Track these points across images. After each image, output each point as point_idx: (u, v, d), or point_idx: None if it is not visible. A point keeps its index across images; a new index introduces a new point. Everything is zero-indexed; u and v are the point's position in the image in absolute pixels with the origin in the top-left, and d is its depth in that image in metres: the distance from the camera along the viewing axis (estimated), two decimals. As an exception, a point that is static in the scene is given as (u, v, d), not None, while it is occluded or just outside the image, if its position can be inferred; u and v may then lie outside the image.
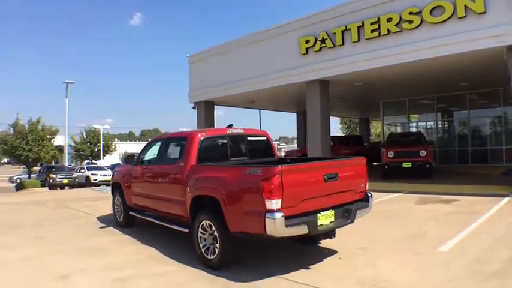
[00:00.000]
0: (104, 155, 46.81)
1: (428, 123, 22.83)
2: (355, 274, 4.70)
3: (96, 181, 26.50)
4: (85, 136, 47.25)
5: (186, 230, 5.59)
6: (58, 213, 10.21)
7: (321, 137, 15.14)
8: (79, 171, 29.85)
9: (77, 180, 27.01)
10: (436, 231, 6.53)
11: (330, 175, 4.84)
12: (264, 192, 4.31)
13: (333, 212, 4.90)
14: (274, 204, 4.29)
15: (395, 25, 11.92)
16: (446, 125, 23.10)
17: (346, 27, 13.32)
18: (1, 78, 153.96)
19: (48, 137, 34.51)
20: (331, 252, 5.62)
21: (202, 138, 6.01)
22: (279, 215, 4.29)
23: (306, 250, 5.73)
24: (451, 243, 5.74)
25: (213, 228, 5.01)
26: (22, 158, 32.84)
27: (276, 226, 4.29)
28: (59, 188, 24.57)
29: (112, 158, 50.13)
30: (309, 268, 4.99)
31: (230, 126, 6.65)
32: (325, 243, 5.97)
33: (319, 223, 4.73)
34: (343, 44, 13.49)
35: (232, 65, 19.12)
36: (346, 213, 5.04)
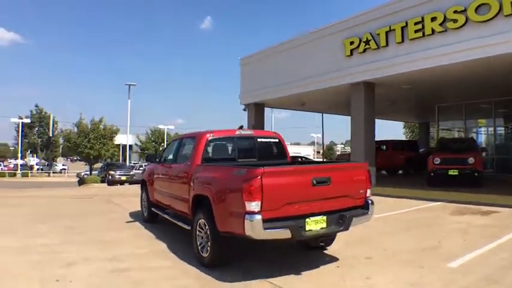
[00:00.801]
0: None
1: (488, 128, 20.95)
2: (344, 284, 4.47)
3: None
4: (150, 136, 49.65)
5: (189, 228, 5.71)
6: (99, 206, 10.97)
7: (364, 141, 14.61)
8: (138, 169, 31.69)
9: (134, 177, 28.27)
10: (456, 245, 5.98)
11: (320, 179, 4.64)
12: (244, 194, 4.28)
13: (325, 217, 4.70)
14: (254, 206, 4.23)
15: (440, 24, 11.14)
16: (506, 131, 21.08)
17: (390, 27, 12.74)
18: (75, 78, 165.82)
19: (109, 135, 36.83)
20: (333, 259, 5.39)
21: (208, 139, 6.09)
22: (257, 217, 4.22)
23: (307, 256, 5.56)
24: (465, 259, 5.23)
25: (207, 227, 5.07)
26: (84, 155, 35.31)
27: (254, 228, 4.23)
28: (118, 184, 25.70)
29: None
30: (300, 274, 4.81)
31: (241, 127, 6.67)
32: (331, 250, 5.81)
33: (307, 228, 4.57)
34: (387, 45, 12.91)
35: (279, 67, 19.18)
36: (340, 219, 4.80)
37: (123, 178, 27.12)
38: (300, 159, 26.49)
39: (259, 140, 6.56)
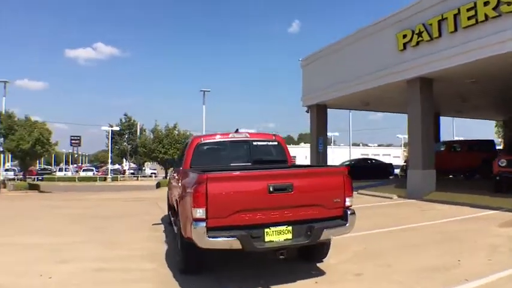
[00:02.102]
0: None
1: None
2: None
3: None
4: None
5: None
6: (142, 208, 11.49)
7: (421, 142, 13.19)
8: None
9: None
10: (476, 266, 4.95)
11: (278, 186, 4.14)
12: (191, 200, 4.04)
13: (290, 228, 4.20)
14: (199, 213, 3.97)
15: (493, 9, 9.53)
16: None
17: (442, 16, 11.29)
18: (163, 87, 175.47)
19: (183, 140, 38.04)
20: (318, 274, 4.80)
21: (198, 143, 5.92)
22: (200, 224, 3.95)
23: (291, 267, 5.03)
24: (476, 283, 4.30)
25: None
26: (158, 159, 37.10)
27: (198, 236, 3.97)
28: None
29: None
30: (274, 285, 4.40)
31: (236, 131, 6.40)
32: (327, 262, 5.21)
33: (267, 239, 4.12)
34: (439, 35, 11.48)
35: (336, 66, 18.43)
36: (308, 231, 4.25)
37: None
38: (351, 162, 25.24)
39: (254, 143, 6.17)
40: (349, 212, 4.48)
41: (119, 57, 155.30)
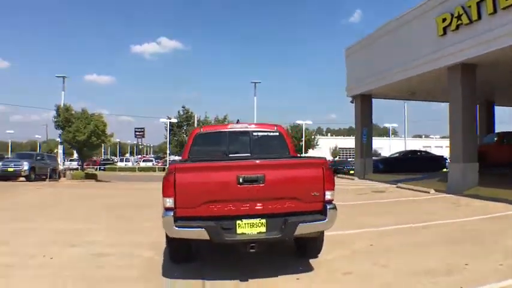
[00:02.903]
0: (307, 150, 48.27)
1: None
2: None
3: None
4: (289, 131, 48.88)
5: None
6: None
7: (462, 131, 12.18)
8: None
9: None
10: (483, 270, 4.40)
11: (248, 178, 3.98)
12: (162, 190, 4.08)
13: (263, 221, 4.03)
14: (168, 202, 3.99)
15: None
16: None
17: (481, -5, 10.24)
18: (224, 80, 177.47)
19: None
20: (305, 270, 4.53)
21: (197, 134, 5.91)
22: (168, 214, 3.95)
23: (281, 262, 4.86)
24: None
25: None
26: None
27: (166, 225, 3.99)
28: None
29: (318, 153, 50.04)
30: (246, 281, 4.22)
31: (238, 122, 6.30)
32: (318, 261, 4.90)
33: (239, 231, 4.01)
34: (479, 18, 10.46)
35: (379, 54, 17.74)
36: (283, 225, 4.05)
37: None
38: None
39: (254, 134, 5.99)
40: (329, 207, 4.16)
41: (182, 51, 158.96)
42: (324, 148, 58.75)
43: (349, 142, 52.23)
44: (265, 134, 6.03)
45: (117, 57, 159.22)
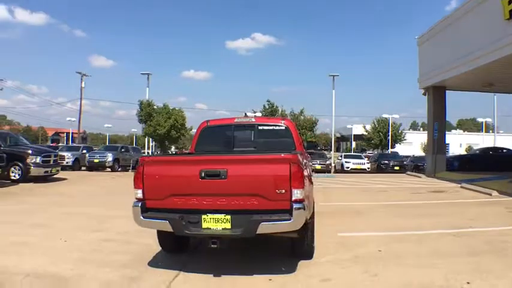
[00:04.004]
0: (394, 144, 45.85)
1: None
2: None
3: (348, 169, 27.28)
4: (376, 125, 47.03)
5: None
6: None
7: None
8: (337, 158, 31.45)
9: (330, 166, 28.27)
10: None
11: (210, 172, 3.89)
12: (133, 181, 4.20)
13: (228, 217, 3.91)
14: (138, 193, 4.13)
15: None
16: None
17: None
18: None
19: (308, 126, 36.67)
20: (285, 272, 4.29)
21: (204, 127, 5.92)
22: (137, 204, 4.09)
23: (266, 261, 4.68)
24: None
25: None
26: None
27: (134, 216, 4.13)
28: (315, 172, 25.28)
29: (406, 148, 47.83)
30: (219, 276, 4.17)
31: (245, 115, 6.15)
32: (306, 263, 4.60)
33: (204, 226, 3.95)
34: None
35: (450, 42, 16.37)
36: (246, 222, 3.87)
37: (318, 167, 26.44)
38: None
39: (260, 127, 5.81)
40: (296, 206, 3.82)
41: (276, 46, 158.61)
42: (415, 143, 54.76)
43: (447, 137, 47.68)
44: (271, 127, 5.84)
45: (213, 54, 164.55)
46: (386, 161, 27.68)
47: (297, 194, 3.84)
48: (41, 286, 3.96)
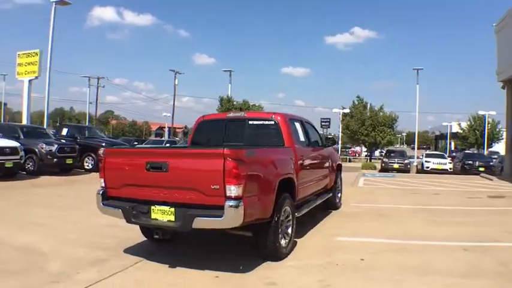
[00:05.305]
0: (491, 144, 41.78)
1: None
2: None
3: (428, 168, 25.31)
4: (471, 123, 43.36)
5: None
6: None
7: None
8: (418, 158, 29.41)
9: (408, 166, 26.62)
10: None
11: (154, 164, 3.96)
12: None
13: (172, 209, 3.92)
14: (102, 182, 4.39)
15: None
16: None
17: None
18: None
19: (388, 123, 34.14)
20: (243, 271, 4.13)
21: (199, 122, 6.01)
22: (99, 192, 4.36)
23: (234, 259, 4.52)
24: None
25: None
26: (360, 142, 35.09)
27: (96, 203, 4.38)
28: (395, 172, 23.85)
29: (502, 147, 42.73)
30: (174, 268, 4.20)
31: (240, 110, 6.00)
32: (269, 265, 4.36)
33: (153, 216, 4.03)
34: None
35: None
36: (184, 216, 3.84)
37: (395, 166, 25.88)
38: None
39: (250, 122, 5.69)
40: (229, 204, 3.65)
41: (376, 40, 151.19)
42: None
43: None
44: (260, 122, 5.70)
45: (312, 50, 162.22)
46: (470, 162, 24.68)
47: (232, 190, 3.67)
48: (12, 254, 4.51)
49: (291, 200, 4.84)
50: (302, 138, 6.07)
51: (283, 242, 4.59)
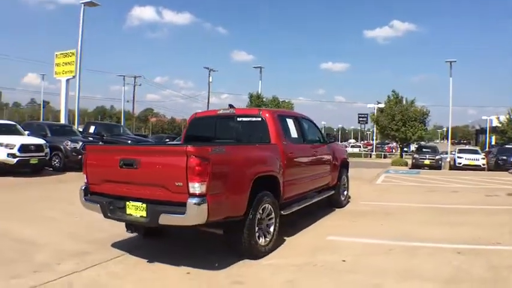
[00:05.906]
0: None
1: None
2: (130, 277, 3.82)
3: (460, 165, 24.09)
4: (510, 117, 41.18)
5: None
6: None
7: None
8: (450, 153, 28.12)
9: (440, 162, 25.64)
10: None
11: (126, 161, 4.02)
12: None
13: (144, 205, 3.98)
14: (85, 178, 4.53)
15: None
16: None
17: None
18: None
19: (419, 118, 31.97)
20: (218, 268, 4.13)
21: (192, 119, 6.06)
22: (82, 187, 4.51)
23: (216, 255, 4.53)
24: None
25: None
26: (390, 137, 33.68)
27: (80, 198, 4.53)
28: (427, 168, 23.20)
29: None
30: (152, 263, 4.27)
31: (231, 106, 5.97)
32: (245, 263, 4.31)
33: (128, 212, 4.11)
34: None
35: None
36: (152, 212, 3.90)
37: (426, 162, 25.03)
38: None
39: (238, 119, 5.66)
40: (192, 201, 3.63)
41: (415, 33, 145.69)
42: None
43: None
44: (248, 119, 5.64)
45: (351, 45, 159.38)
46: (504, 157, 23.09)
47: (195, 188, 3.66)
48: (8, 245, 4.79)
49: (273, 198, 4.75)
50: (294, 135, 5.93)
51: (261, 240, 4.52)
